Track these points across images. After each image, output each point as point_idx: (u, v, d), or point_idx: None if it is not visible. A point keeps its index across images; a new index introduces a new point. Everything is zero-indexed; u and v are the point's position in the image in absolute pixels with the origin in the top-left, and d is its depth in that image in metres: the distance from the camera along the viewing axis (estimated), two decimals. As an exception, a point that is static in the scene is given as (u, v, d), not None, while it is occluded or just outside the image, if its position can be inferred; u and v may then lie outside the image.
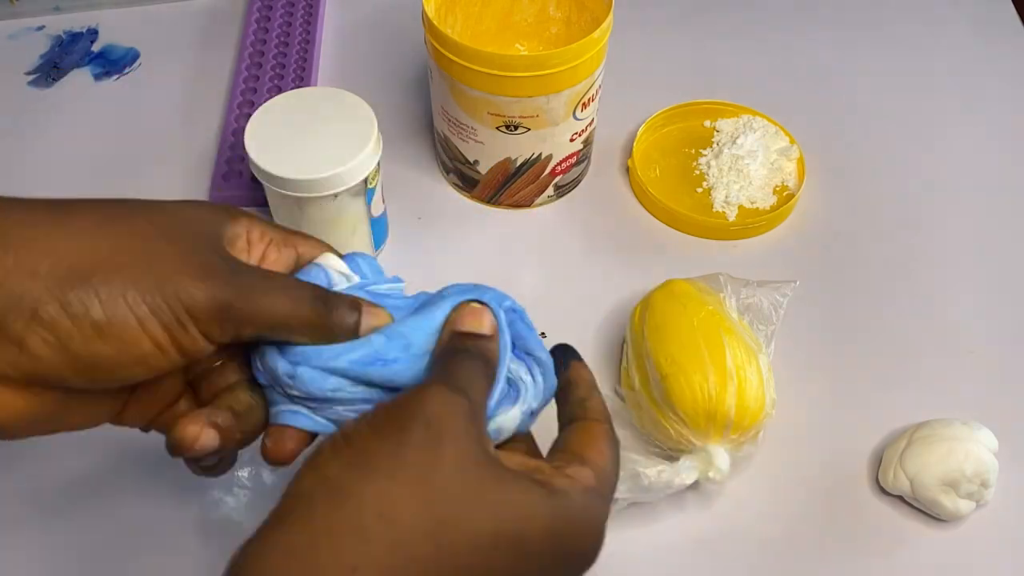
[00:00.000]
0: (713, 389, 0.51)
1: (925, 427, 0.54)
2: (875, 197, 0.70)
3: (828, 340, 0.62)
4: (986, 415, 0.56)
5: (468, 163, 0.66)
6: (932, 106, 0.77)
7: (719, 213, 0.68)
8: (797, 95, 0.77)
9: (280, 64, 0.76)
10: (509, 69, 0.58)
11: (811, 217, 0.69)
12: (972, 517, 0.54)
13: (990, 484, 0.52)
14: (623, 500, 0.50)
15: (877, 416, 0.58)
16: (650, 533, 0.53)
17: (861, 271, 0.66)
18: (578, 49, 0.58)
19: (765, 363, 0.54)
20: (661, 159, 0.72)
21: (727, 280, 0.57)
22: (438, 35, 0.59)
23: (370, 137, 0.57)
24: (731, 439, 0.51)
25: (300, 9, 0.80)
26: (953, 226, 0.69)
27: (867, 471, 0.56)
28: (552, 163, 0.66)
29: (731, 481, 0.53)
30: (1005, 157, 0.74)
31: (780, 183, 0.70)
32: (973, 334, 0.62)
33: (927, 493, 0.52)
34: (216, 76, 0.77)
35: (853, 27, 0.83)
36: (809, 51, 0.81)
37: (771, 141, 0.71)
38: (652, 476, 0.49)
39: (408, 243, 0.66)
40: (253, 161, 0.56)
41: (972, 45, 0.82)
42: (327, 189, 0.56)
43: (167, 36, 0.80)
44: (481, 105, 0.60)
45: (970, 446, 0.52)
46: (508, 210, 0.69)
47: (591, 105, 0.64)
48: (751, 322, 0.56)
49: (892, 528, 0.54)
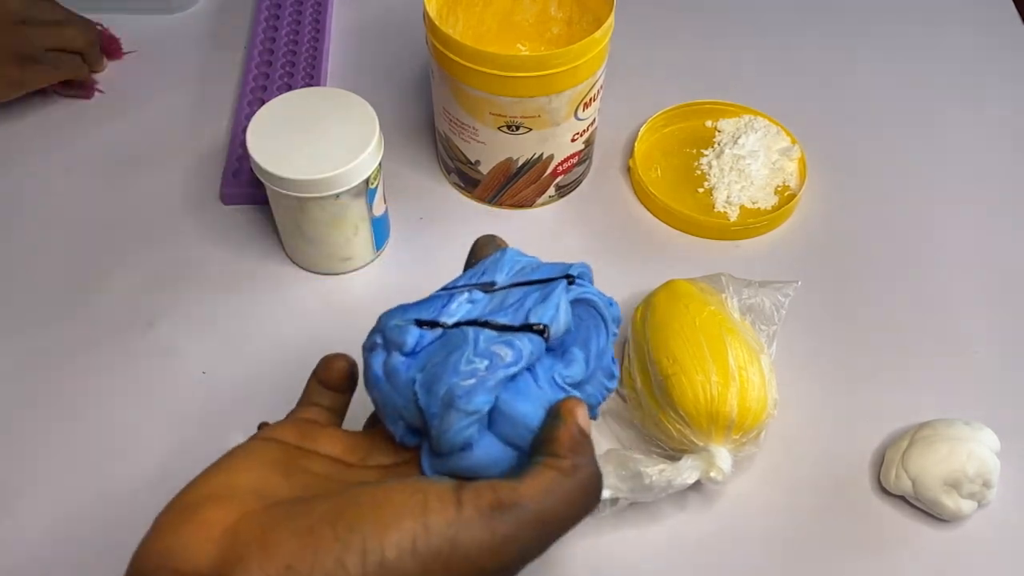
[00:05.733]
0: (715, 389, 0.51)
1: (927, 427, 0.54)
2: (876, 197, 0.70)
3: (830, 340, 0.62)
4: (988, 415, 0.56)
5: (469, 163, 0.66)
6: (933, 106, 0.77)
7: (720, 213, 0.68)
8: (798, 95, 0.77)
9: (290, 63, 0.76)
10: (511, 69, 0.58)
11: (812, 217, 0.69)
12: (974, 517, 0.53)
13: (992, 484, 0.52)
14: (624, 500, 0.50)
15: (879, 416, 0.58)
16: (651, 533, 0.53)
17: (863, 271, 0.66)
18: (580, 49, 0.58)
19: (767, 363, 0.53)
20: (662, 159, 0.72)
21: (729, 280, 0.57)
22: (440, 35, 0.59)
23: (372, 137, 0.57)
24: (733, 439, 0.51)
25: (309, 8, 0.80)
26: (955, 225, 0.69)
27: (869, 471, 0.56)
28: (553, 163, 0.66)
29: (733, 481, 0.53)
30: (1006, 157, 0.74)
31: (782, 183, 0.70)
32: (975, 334, 0.62)
33: (929, 493, 0.52)
34: (227, 75, 0.77)
35: (854, 27, 0.84)
36: (810, 51, 0.81)
37: (772, 141, 0.71)
38: (654, 476, 0.49)
39: (409, 243, 0.66)
40: (255, 161, 0.56)
41: (972, 45, 0.82)
42: (329, 189, 0.56)
43: (178, 35, 0.80)
44: (483, 105, 0.60)
45: (972, 446, 0.52)
46: (509, 210, 0.69)
47: (592, 105, 0.64)
48: (753, 322, 0.56)
49: (894, 528, 0.54)
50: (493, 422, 0.35)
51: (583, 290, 0.39)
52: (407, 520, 0.31)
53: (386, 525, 0.31)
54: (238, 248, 0.66)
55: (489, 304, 0.38)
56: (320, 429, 0.39)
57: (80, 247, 0.65)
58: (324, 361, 0.42)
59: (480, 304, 0.38)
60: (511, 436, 0.35)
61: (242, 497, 0.33)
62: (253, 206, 0.67)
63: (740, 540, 0.53)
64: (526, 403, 0.35)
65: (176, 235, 0.66)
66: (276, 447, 0.37)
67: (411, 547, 0.31)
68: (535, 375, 0.36)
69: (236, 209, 0.68)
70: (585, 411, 0.36)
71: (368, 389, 0.38)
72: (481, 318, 0.37)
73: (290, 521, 0.32)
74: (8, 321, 0.61)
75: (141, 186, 0.69)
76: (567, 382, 0.37)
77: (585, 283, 0.39)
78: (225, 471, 0.35)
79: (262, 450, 0.36)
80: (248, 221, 0.67)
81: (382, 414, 0.38)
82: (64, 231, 0.66)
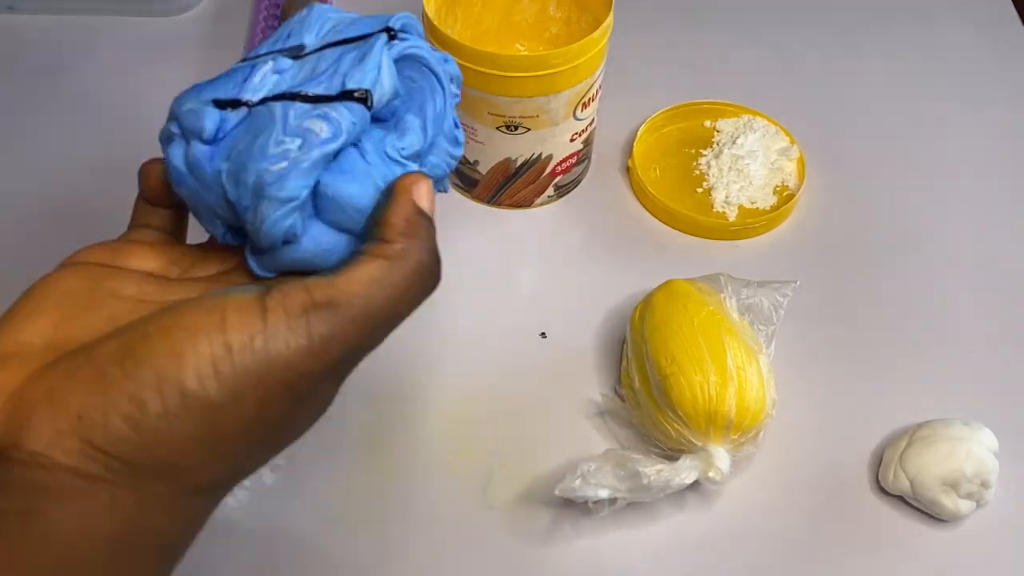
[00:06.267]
0: (713, 389, 0.51)
1: (926, 427, 0.54)
2: (875, 197, 0.70)
3: (829, 340, 0.62)
4: (987, 415, 0.56)
5: (468, 163, 0.66)
6: (932, 106, 0.77)
7: (719, 213, 0.68)
8: (797, 95, 0.77)
9: None
10: (509, 69, 0.58)
11: (811, 217, 0.69)
12: (973, 517, 0.53)
13: (991, 484, 0.52)
14: (622, 500, 0.50)
15: (877, 416, 0.58)
16: (650, 533, 0.53)
17: (861, 271, 0.66)
18: (578, 49, 0.58)
19: (765, 363, 0.53)
20: (661, 159, 0.72)
21: (727, 280, 0.57)
22: (438, 35, 0.59)
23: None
24: (731, 439, 0.51)
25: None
26: (954, 225, 0.69)
27: (867, 471, 0.56)
28: (552, 163, 0.66)
29: (731, 481, 0.53)
30: (1006, 157, 0.74)
31: (780, 183, 0.70)
32: (974, 334, 0.62)
33: (927, 493, 0.52)
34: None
35: (853, 27, 0.84)
36: (809, 51, 0.81)
37: (771, 141, 0.71)
38: (652, 476, 0.49)
39: (408, 243, 0.66)
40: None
41: (972, 45, 0.82)
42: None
43: (177, 38, 0.80)
44: (481, 105, 0.60)
45: (971, 446, 0.52)
46: (508, 210, 0.69)
47: (591, 105, 0.64)
48: (751, 322, 0.56)
49: (892, 528, 0.54)
50: (320, 208, 0.31)
51: (408, 44, 0.33)
52: (202, 343, 0.28)
53: (180, 352, 0.28)
54: (237, 248, 0.66)
55: (299, 73, 0.32)
56: (138, 245, 0.35)
57: (80, 247, 0.65)
58: (142, 168, 0.36)
59: (288, 74, 0.32)
60: (342, 221, 0.31)
61: (29, 354, 0.30)
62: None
63: (739, 540, 0.53)
64: (353, 183, 0.31)
65: (175, 235, 0.66)
66: (80, 273, 0.33)
67: (212, 371, 0.28)
68: (362, 150, 0.32)
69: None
70: (426, 187, 0.32)
71: (174, 187, 0.33)
72: (290, 90, 0.32)
73: (77, 369, 0.29)
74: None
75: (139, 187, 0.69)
76: (403, 155, 0.33)
77: (411, 36, 0.34)
78: (11, 325, 0.31)
79: (62, 282, 0.32)
80: (247, 221, 0.67)
81: (196, 214, 0.34)
82: (64, 231, 0.66)
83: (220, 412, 0.28)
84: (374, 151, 0.32)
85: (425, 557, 0.52)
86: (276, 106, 0.31)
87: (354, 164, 0.31)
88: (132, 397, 0.28)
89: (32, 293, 0.32)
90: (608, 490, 0.49)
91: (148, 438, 0.28)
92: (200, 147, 0.31)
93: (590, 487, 0.49)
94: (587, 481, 0.49)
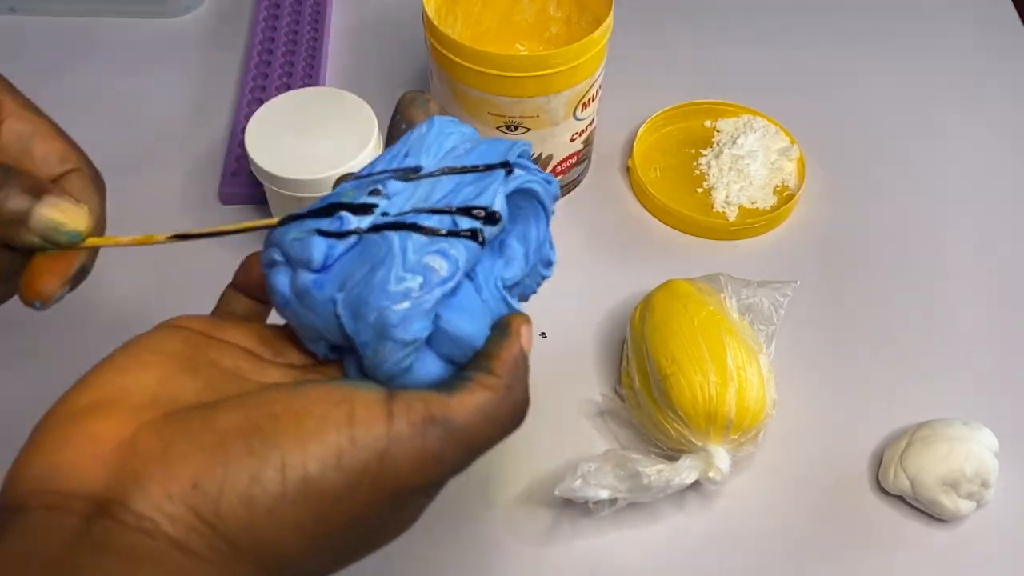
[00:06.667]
0: (713, 389, 0.51)
1: (926, 427, 0.54)
2: (875, 197, 0.70)
3: (829, 340, 0.62)
4: (987, 415, 0.56)
5: (468, 163, 0.66)
6: (932, 106, 0.77)
7: (719, 213, 0.68)
8: (797, 95, 0.77)
9: (289, 63, 0.76)
10: (509, 69, 0.58)
11: (811, 217, 0.69)
12: (972, 517, 0.53)
13: (991, 484, 0.52)
14: (623, 500, 0.50)
15: (877, 416, 0.58)
16: (650, 533, 0.53)
17: (861, 271, 0.66)
18: (578, 49, 0.58)
19: (766, 363, 0.54)
20: (661, 159, 0.72)
21: (727, 280, 0.57)
22: (438, 35, 0.59)
23: (371, 137, 0.57)
24: (731, 439, 0.51)
25: (308, 9, 0.80)
26: (954, 225, 0.69)
27: (868, 471, 0.56)
28: (552, 163, 0.66)
29: (731, 481, 0.53)
30: (1006, 157, 0.74)
31: (780, 183, 0.70)
32: (974, 334, 0.62)
33: (927, 493, 0.52)
34: (226, 75, 0.77)
35: (853, 27, 0.84)
36: (809, 51, 0.81)
37: (771, 141, 0.71)
38: (652, 476, 0.49)
39: (408, 243, 0.66)
40: (254, 161, 0.56)
41: (972, 45, 0.82)
42: (328, 189, 0.56)
43: (177, 38, 0.80)
44: (481, 105, 0.60)
45: (971, 446, 0.52)
46: (508, 210, 0.69)
47: (591, 105, 0.64)
48: (752, 322, 0.56)
49: (892, 528, 0.54)
50: (435, 341, 0.31)
51: (525, 179, 0.33)
52: (331, 432, 0.28)
53: (307, 438, 0.28)
54: (237, 248, 0.65)
55: (412, 196, 0.32)
56: (232, 322, 0.35)
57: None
58: (246, 260, 0.36)
59: (401, 197, 0.32)
60: (453, 354, 0.32)
61: (138, 404, 0.29)
62: (252, 206, 0.67)
63: (739, 540, 0.53)
64: (472, 323, 0.31)
65: (175, 235, 0.66)
66: (182, 336, 0.32)
67: (336, 462, 0.28)
68: (476, 283, 0.32)
69: (235, 209, 0.68)
70: (531, 331, 0.33)
71: (277, 310, 0.33)
72: (402, 219, 0.31)
73: (196, 433, 0.28)
74: (6, 323, 0.61)
75: (140, 186, 0.69)
76: (507, 284, 0.34)
77: (525, 164, 0.34)
78: (120, 370, 0.30)
79: (166, 339, 0.32)
80: (247, 221, 0.67)
81: (299, 335, 0.33)
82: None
83: (332, 505, 0.28)
84: (483, 282, 0.33)
85: (425, 557, 0.52)
86: (393, 237, 0.30)
87: (470, 300, 0.32)
88: (253, 475, 0.27)
89: (131, 347, 0.31)
90: (608, 490, 0.49)
91: (259, 520, 0.27)
92: (308, 276, 0.31)
93: (590, 487, 0.49)
94: (587, 481, 0.49)
